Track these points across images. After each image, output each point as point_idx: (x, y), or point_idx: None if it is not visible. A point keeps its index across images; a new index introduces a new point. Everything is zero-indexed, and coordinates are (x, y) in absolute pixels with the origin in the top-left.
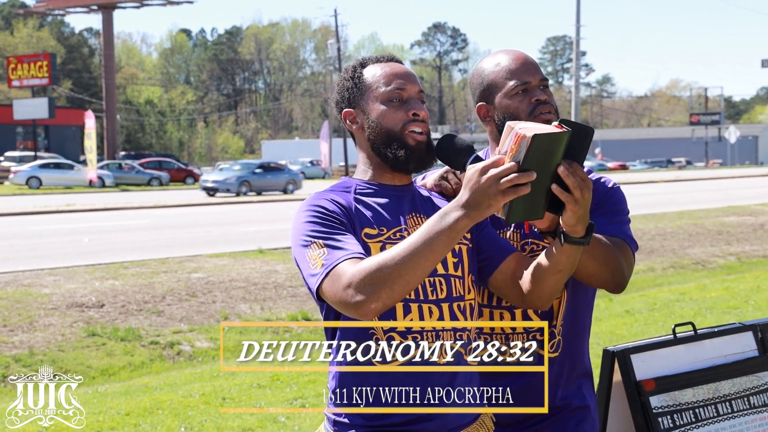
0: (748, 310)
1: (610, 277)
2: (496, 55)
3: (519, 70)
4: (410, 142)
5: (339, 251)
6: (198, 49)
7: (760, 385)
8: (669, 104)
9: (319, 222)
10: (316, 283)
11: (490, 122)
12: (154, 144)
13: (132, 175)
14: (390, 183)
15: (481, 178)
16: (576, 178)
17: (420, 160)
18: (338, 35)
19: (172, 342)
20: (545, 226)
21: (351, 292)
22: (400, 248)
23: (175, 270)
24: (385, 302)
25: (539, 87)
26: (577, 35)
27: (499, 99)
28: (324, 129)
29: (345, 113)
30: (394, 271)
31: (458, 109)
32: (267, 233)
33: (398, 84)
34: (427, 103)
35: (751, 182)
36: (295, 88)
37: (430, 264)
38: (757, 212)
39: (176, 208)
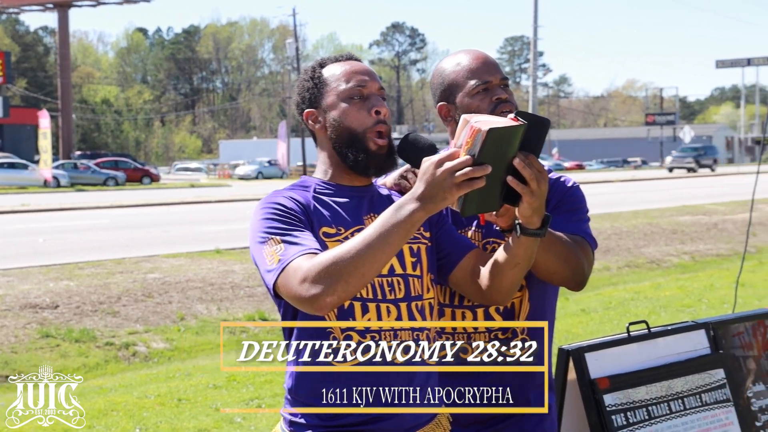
0: (702, 309)
1: (570, 275)
2: (456, 55)
3: (480, 69)
4: (371, 147)
5: (295, 246)
6: (155, 48)
7: (712, 382)
8: (625, 104)
9: (276, 219)
10: (273, 278)
11: (452, 122)
12: (111, 143)
13: (88, 175)
14: (349, 184)
15: (437, 170)
16: (532, 169)
17: (380, 166)
18: (297, 35)
19: (128, 343)
20: (507, 225)
21: (306, 286)
22: (356, 241)
23: (131, 270)
24: (340, 296)
25: (500, 86)
26: (534, 35)
27: (461, 98)
28: (282, 129)
29: (306, 113)
30: (350, 264)
31: (417, 108)
32: (226, 233)
33: (358, 81)
34: (386, 102)
35: (705, 182)
36: (253, 88)
37: (385, 257)
38: (710, 211)
39: (133, 208)
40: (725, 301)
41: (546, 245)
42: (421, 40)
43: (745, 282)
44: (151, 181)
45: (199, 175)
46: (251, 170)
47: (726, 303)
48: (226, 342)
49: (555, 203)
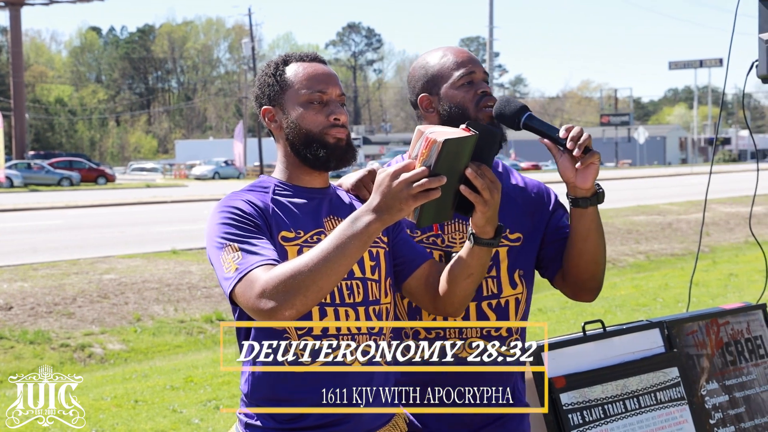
0: (656, 308)
1: (603, 275)
2: (440, 50)
3: (465, 62)
4: (330, 141)
5: (253, 256)
6: (109, 47)
7: (667, 380)
8: (580, 105)
9: (233, 224)
10: (230, 286)
11: (433, 113)
12: (65, 143)
13: (42, 175)
14: (308, 185)
15: (393, 182)
16: (485, 179)
17: (341, 158)
18: (252, 34)
19: (84, 344)
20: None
21: (264, 300)
22: (313, 254)
23: (87, 271)
24: (299, 309)
25: (483, 80)
26: (490, 36)
27: (445, 90)
28: (238, 129)
29: (264, 110)
30: (308, 278)
31: (373, 109)
32: (182, 233)
33: (319, 87)
34: (345, 107)
35: (659, 182)
36: (209, 88)
37: (343, 269)
38: (665, 211)
39: (88, 208)
40: (679, 300)
41: (599, 226)
42: (378, 41)
43: (699, 281)
44: (107, 182)
45: (155, 175)
46: (208, 170)
47: (680, 302)
48: (183, 343)
49: (555, 204)
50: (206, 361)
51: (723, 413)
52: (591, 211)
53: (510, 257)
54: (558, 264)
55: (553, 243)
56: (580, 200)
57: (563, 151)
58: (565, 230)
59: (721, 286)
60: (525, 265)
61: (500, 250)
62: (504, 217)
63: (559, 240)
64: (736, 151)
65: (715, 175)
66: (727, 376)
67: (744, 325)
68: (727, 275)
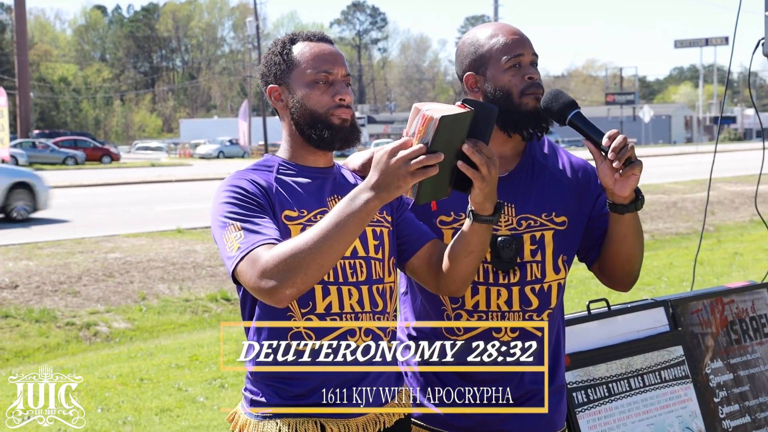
0: (661, 287)
1: (639, 267)
2: (490, 27)
3: (514, 44)
4: (335, 122)
5: (255, 235)
6: (114, 26)
7: (671, 359)
8: (585, 84)
9: (237, 203)
10: (232, 265)
11: (478, 93)
12: (69, 122)
13: (46, 154)
14: (313, 165)
15: (390, 159)
16: (482, 155)
17: (345, 139)
18: (257, 13)
19: (89, 323)
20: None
21: (265, 279)
22: (313, 233)
23: (92, 250)
24: (299, 288)
25: (531, 64)
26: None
27: (492, 72)
28: (243, 108)
29: (270, 89)
30: (308, 256)
31: (378, 88)
32: (187, 212)
33: (325, 67)
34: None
35: (664, 161)
36: (214, 67)
37: (343, 247)
38: (670, 190)
39: (93, 187)
40: (684, 279)
41: (636, 229)
42: (382, 19)
43: (704, 260)
44: (111, 161)
45: (160, 154)
46: (212, 149)
47: (685, 281)
48: (188, 321)
49: (601, 187)
50: (211, 340)
51: (727, 391)
52: (628, 216)
53: (555, 241)
54: (597, 252)
55: (593, 231)
56: (618, 206)
57: (604, 157)
58: (606, 219)
59: (726, 265)
60: (569, 251)
61: (546, 233)
62: (550, 199)
63: (599, 229)
64: (742, 130)
65: (720, 154)
66: (731, 355)
67: (749, 304)
68: (731, 254)
